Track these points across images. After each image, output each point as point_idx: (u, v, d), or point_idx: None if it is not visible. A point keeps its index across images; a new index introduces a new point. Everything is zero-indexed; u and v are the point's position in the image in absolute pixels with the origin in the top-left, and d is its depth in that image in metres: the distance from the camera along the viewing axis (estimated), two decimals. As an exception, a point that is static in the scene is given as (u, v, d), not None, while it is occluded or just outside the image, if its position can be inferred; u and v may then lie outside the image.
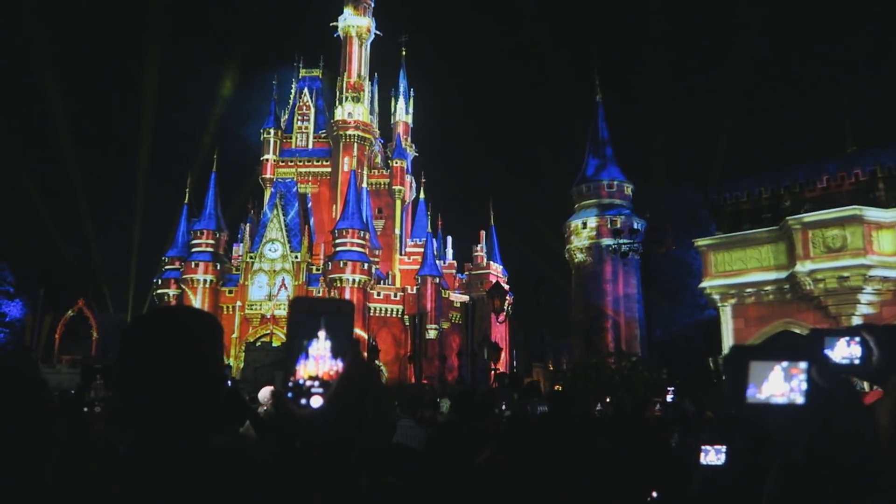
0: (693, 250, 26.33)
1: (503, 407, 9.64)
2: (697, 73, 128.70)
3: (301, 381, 1.39)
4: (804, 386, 1.30)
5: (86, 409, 8.70)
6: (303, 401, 1.37)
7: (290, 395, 1.38)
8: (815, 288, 20.11)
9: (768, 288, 21.53)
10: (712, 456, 3.16)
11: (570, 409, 4.97)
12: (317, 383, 1.39)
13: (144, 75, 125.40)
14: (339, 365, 1.41)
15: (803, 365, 1.32)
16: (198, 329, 1.54)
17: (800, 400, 1.30)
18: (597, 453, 4.39)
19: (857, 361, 1.46)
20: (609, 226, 42.92)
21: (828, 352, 1.53)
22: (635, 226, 38.42)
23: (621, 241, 34.00)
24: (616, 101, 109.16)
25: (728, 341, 22.08)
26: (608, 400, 12.74)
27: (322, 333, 1.41)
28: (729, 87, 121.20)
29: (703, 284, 23.37)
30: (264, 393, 5.51)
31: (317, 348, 1.41)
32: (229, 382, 5.55)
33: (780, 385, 1.31)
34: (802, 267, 20.13)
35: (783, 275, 21.03)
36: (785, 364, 1.32)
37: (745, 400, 1.32)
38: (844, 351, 1.49)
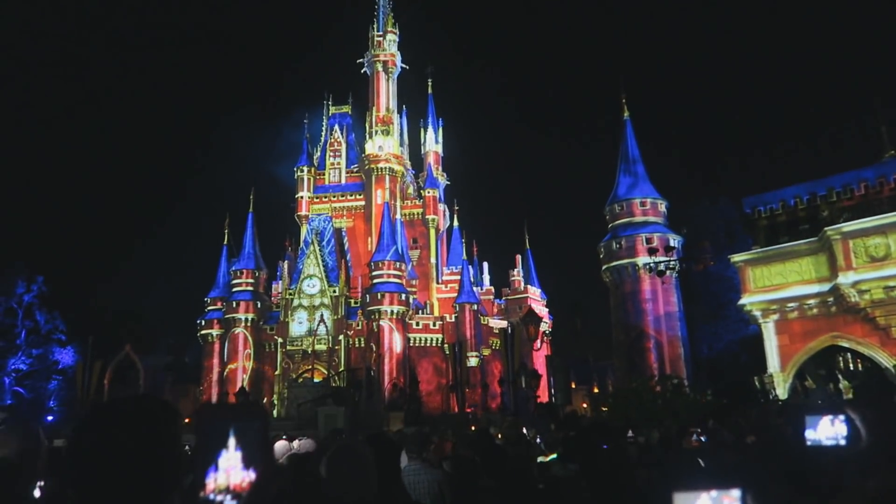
0: (733, 266, 25.80)
1: (538, 440, 9.56)
2: (727, 84, 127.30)
3: (211, 497, 1.32)
4: None
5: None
6: None
7: None
8: (860, 299, 19.55)
9: (811, 301, 20.98)
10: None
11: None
12: (229, 497, 1.33)
13: (178, 120, 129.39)
14: (251, 475, 1.34)
15: (736, 493, 1.16)
16: (149, 423, 1.43)
17: None
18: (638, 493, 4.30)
19: (842, 442, 1.33)
20: (644, 244, 42.43)
21: (809, 432, 1.40)
22: (671, 243, 37.80)
23: (658, 259, 33.54)
24: (646, 115, 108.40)
25: (773, 359, 21.54)
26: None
27: (232, 442, 1.33)
28: (759, 96, 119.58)
29: (742, 301, 22.89)
30: (278, 448, 5.42)
31: (227, 459, 1.34)
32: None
33: None
34: (846, 278, 19.60)
35: (826, 287, 20.48)
36: (714, 494, 1.16)
37: None
38: (829, 430, 1.37)
